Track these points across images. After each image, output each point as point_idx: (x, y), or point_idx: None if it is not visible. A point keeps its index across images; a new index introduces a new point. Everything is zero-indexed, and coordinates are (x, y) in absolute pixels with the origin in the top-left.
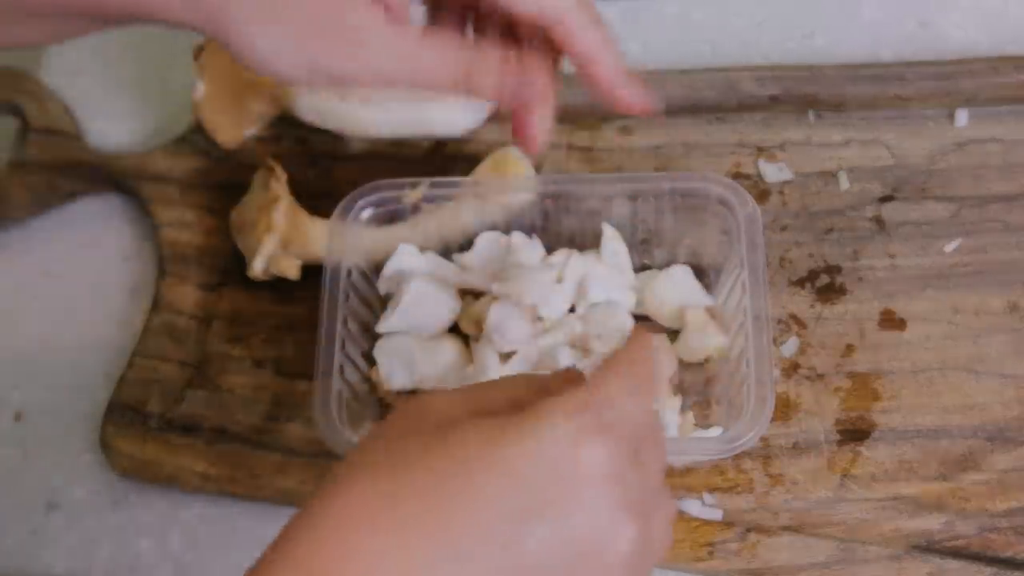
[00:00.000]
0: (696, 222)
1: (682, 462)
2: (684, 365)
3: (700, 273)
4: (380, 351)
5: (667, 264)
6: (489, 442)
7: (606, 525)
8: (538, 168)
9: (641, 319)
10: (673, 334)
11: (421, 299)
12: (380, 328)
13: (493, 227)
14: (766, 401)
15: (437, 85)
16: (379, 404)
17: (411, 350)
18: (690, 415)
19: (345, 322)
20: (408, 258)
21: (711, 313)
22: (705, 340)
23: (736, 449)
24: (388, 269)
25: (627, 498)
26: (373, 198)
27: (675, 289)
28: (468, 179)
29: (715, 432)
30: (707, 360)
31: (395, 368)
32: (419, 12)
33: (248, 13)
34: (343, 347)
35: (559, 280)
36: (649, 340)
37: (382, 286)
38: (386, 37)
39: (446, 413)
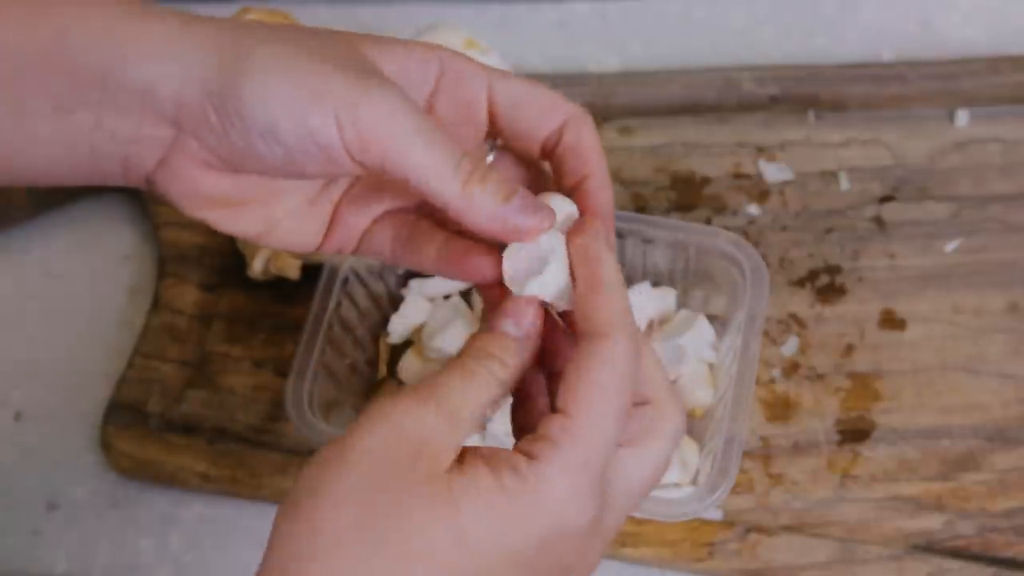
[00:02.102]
0: (704, 276)
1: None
2: None
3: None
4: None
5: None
6: (498, 532)
7: (584, 534)
8: None
9: None
10: None
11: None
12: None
13: None
14: (727, 473)
15: (430, 166)
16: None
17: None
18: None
19: (331, 328)
20: (415, 310)
21: (711, 368)
22: (696, 392)
23: (686, 516)
24: (395, 323)
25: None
26: None
27: (695, 340)
28: None
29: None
30: (692, 413)
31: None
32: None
33: (252, 63)
34: (323, 352)
35: None
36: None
37: (393, 339)
38: (400, 92)
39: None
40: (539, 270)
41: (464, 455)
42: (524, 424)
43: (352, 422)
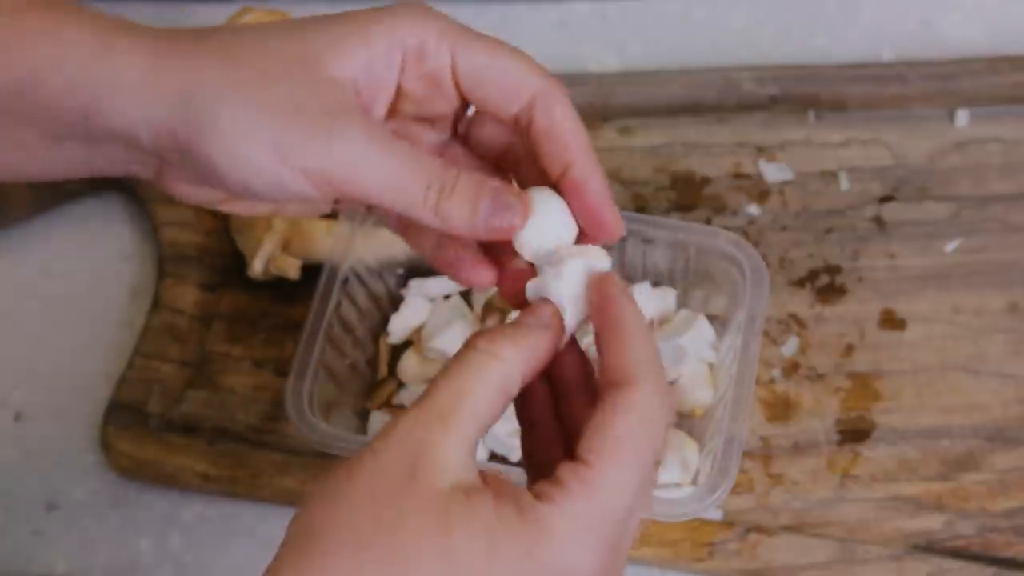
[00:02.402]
0: (705, 276)
1: None
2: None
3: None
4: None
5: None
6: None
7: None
8: None
9: None
10: None
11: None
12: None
13: None
14: (727, 473)
15: (403, 202)
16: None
17: None
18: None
19: (331, 328)
20: (415, 312)
21: (711, 368)
22: (695, 392)
23: (686, 516)
24: (395, 323)
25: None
26: None
27: (695, 340)
28: None
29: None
30: (692, 412)
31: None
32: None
33: (219, 105)
34: (323, 352)
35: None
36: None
37: (393, 339)
38: (362, 127)
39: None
40: (546, 290)
41: (477, 482)
42: (534, 456)
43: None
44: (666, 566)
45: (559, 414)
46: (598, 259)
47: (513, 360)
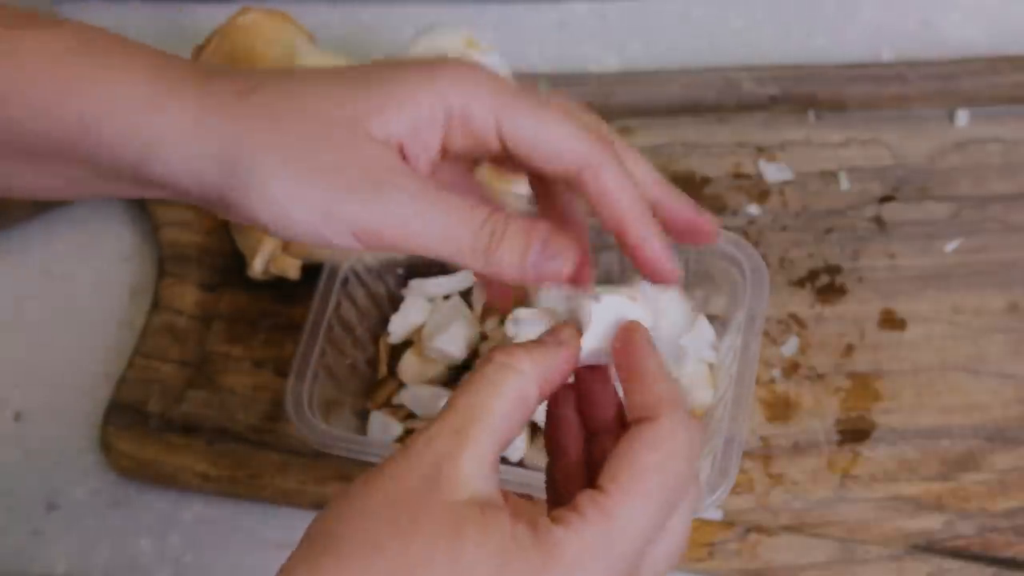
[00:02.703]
0: (705, 276)
1: None
2: None
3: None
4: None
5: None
6: None
7: None
8: None
9: None
10: None
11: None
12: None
13: None
14: (727, 473)
15: (453, 250)
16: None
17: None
18: None
19: (331, 328)
20: (415, 310)
21: (711, 368)
22: (696, 392)
23: None
24: (395, 323)
25: None
26: None
27: (695, 340)
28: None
29: None
30: (692, 413)
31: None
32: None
33: (263, 168)
34: (323, 352)
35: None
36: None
37: (393, 339)
38: (408, 184)
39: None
40: (578, 311)
41: (495, 497)
42: (557, 485)
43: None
44: None
45: (589, 450)
46: (632, 308)
47: (530, 373)
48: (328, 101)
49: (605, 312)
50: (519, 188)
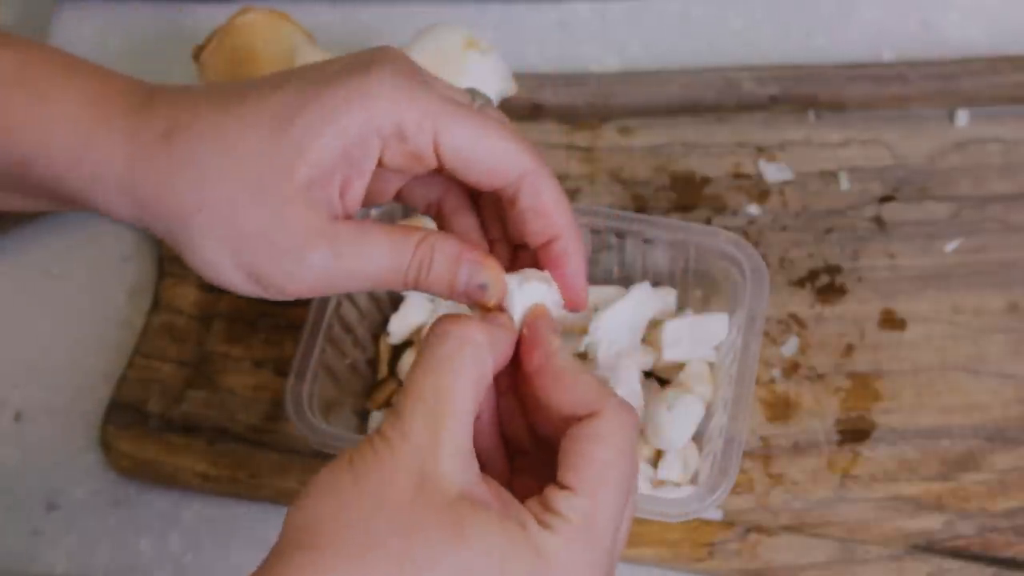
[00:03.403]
0: (705, 276)
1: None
2: None
3: None
4: None
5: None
6: None
7: None
8: None
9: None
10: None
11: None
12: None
13: None
14: (727, 473)
15: (383, 286)
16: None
17: None
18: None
19: (331, 328)
20: (416, 310)
21: (711, 367)
22: (696, 392)
23: (686, 517)
24: (395, 323)
25: None
26: None
27: (708, 330)
28: None
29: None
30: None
31: None
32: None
33: (186, 216)
34: (323, 352)
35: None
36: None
37: (393, 339)
38: (325, 249)
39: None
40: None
41: (482, 489)
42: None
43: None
44: (666, 566)
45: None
46: (554, 295)
47: (485, 347)
48: (255, 149)
49: (528, 298)
50: None
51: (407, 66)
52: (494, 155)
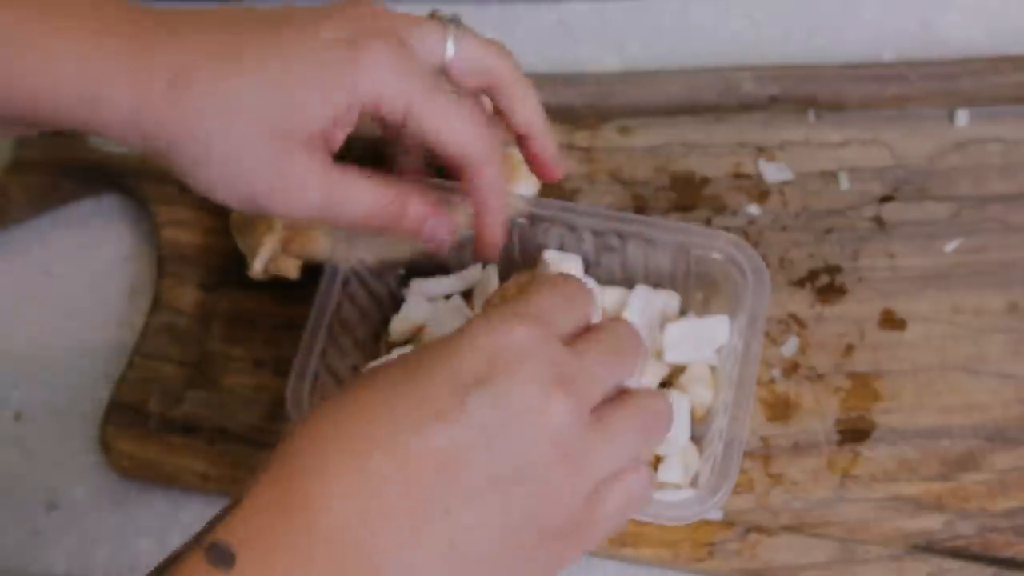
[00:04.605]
0: (705, 277)
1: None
2: None
3: None
4: None
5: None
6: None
7: (536, 393)
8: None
9: None
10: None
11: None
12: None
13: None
14: (728, 475)
15: (361, 225)
16: None
17: None
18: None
19: (331, 328)
20: (416, 311)
21: (711, 369)
22: (696, 393)
23: (687, 519)
24: (395, 324)
25: (559, 376)
26: None
27: (710, 333)
28: None
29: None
30: (693, 414)
31: None
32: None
33: (192, 154)
34: (323, 352)
35: None
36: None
37: (394, 338)
38: (320, 182)
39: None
40: None
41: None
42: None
43: None
44: (666, 566)
45: None
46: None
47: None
48: (258, 105)
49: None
50: (519, 189)
51: (393, 42)
52: (449, 147)
